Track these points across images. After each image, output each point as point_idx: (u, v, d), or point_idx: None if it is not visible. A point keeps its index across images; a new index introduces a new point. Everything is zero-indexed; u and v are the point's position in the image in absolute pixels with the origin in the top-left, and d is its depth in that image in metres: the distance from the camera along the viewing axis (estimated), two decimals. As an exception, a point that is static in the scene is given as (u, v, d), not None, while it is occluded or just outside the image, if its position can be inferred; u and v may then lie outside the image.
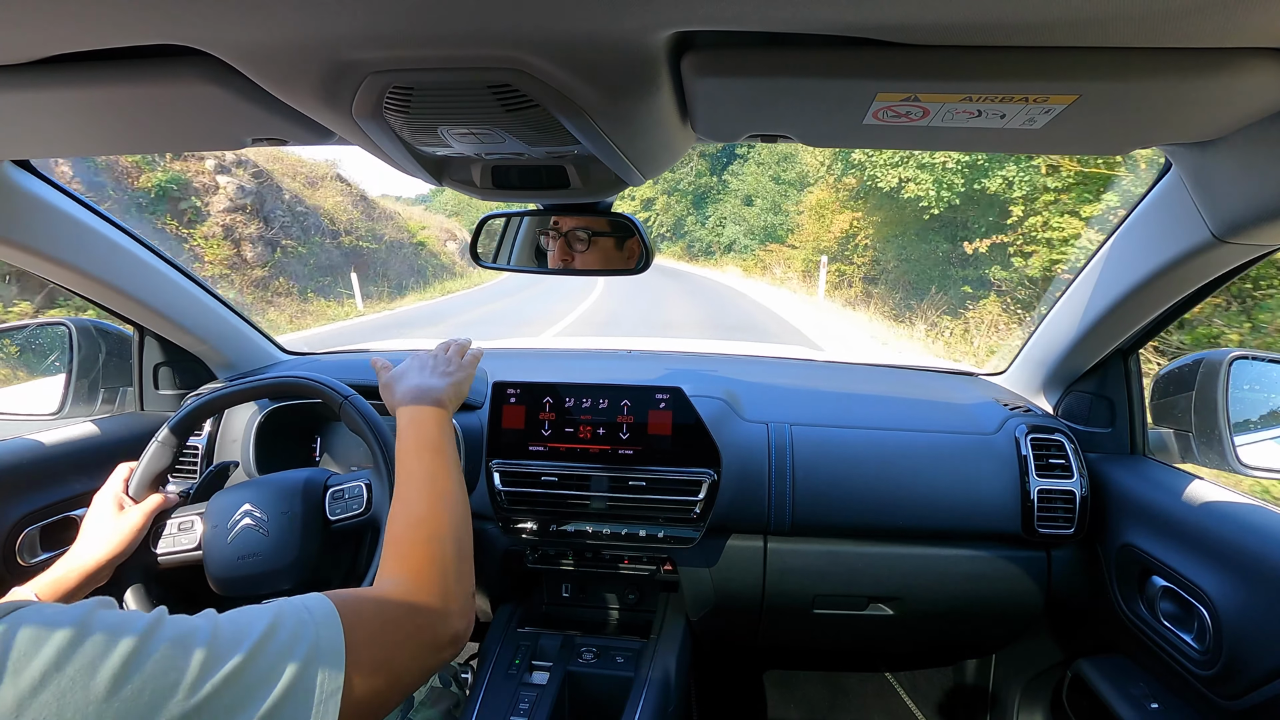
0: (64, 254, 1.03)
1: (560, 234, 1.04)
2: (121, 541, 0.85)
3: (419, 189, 51.25)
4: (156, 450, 0.91)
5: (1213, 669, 0.83)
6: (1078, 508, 1.08)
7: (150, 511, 0.89)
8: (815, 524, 1.13)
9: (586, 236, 1.04)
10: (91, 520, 0.86)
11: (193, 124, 0.69)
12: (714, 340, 2.00)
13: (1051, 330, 1.18)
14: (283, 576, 0.86)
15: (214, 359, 1.39)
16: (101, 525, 0.86)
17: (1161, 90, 0.53)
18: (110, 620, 0.41)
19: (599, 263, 1.05)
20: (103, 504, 0.88)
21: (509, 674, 1.06)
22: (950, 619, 1.20)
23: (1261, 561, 0.80)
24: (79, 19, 0.46)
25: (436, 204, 35.49)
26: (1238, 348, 1.00)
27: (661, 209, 32.87)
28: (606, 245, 1.04)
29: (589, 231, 1.04)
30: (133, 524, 0.87)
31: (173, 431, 0.92)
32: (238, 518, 0.88)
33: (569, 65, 0.50)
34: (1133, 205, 0.92)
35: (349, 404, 0.91)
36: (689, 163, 30.45)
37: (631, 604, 1.26)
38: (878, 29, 0.47)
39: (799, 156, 17.49)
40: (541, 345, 1.84)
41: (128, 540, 0.86)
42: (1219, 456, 0.97)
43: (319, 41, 0.48)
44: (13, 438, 1.11)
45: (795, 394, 1.32)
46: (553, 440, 1.12)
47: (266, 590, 0.87)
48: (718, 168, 30.62)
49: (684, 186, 32.15)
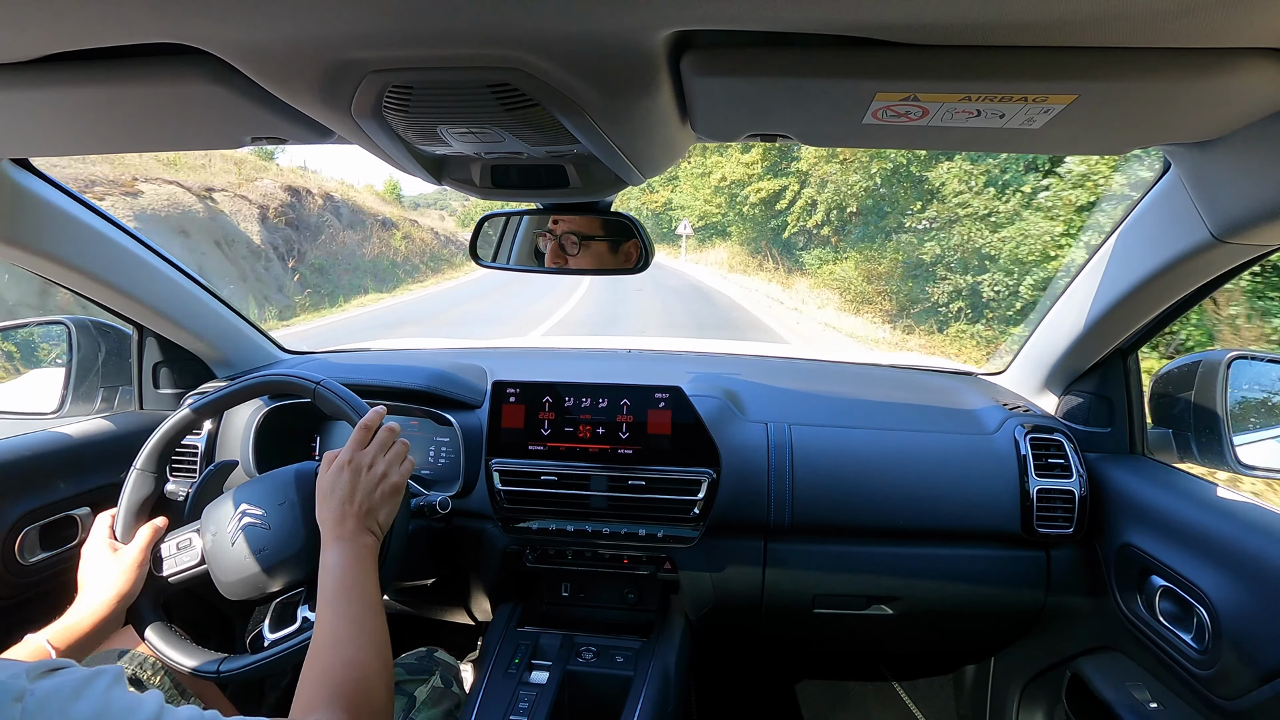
0: (64, 254, 1.03)
1: (554, 236, 1.04)
2: (125, 582, 0.85)
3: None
4: (135, 482, 0.91)
5: (1212, 669, 0.83)
6: (1077, 508, 1.08)
7: (146, 543, 0.89)
8: (815, 523, 1.13)
9: (578, 240, 1.04)
10: (86, 571, 0.86)
11: (192, 123, 0.69)
12: (714, 340, 2.00)
13: (1051, 330, 1.18)
14: (293, 566, 0.86)
15: (213, 358, 1.39)
16: (98, 572, 0.85)
17: (1161, 90, 0.53)
18: (121, 704, 0.45)
19: (598, 262, 1.05)
20: (93, 553, 0.87)
21: (509, 673, 1.06)
22: (950, 619, 1.20)
23: (1261, 561, 0.80)
24: (79, 18, 0.46)
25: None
26: (1237, 348, 1.00)
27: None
28: (604, 245, 1.04)
29: (580, 235, 1.04)
30: (131, 561, 0.86)
31: (149, 459, 0.93)
32: (237, 519, 0.88)
33: (569, 64, 0.50)
34: (1132, 205, 0.92)
35: (321, 389, 0.92)
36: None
37: (631, 604, 1.26)
38: (877, 29, 0.47)
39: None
40: (541, 345, 1.85)
41: (131, 579, 0.85)
42: (1218, 456, 0.97)
43: (318, 41, 0.48)
44: (13, 436, 1.11)
45: (795, 394, 1.32)
46: (552, 440, 1.12)
47: (279, 585, 0.87)
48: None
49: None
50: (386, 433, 0.86)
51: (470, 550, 1.22)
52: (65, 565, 1.12)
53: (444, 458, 1.31)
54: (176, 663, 0.84)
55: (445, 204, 48.56)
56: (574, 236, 1.03)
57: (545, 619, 1.22)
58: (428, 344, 1.75)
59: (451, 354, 1.61)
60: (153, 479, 0.92)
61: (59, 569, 1.12)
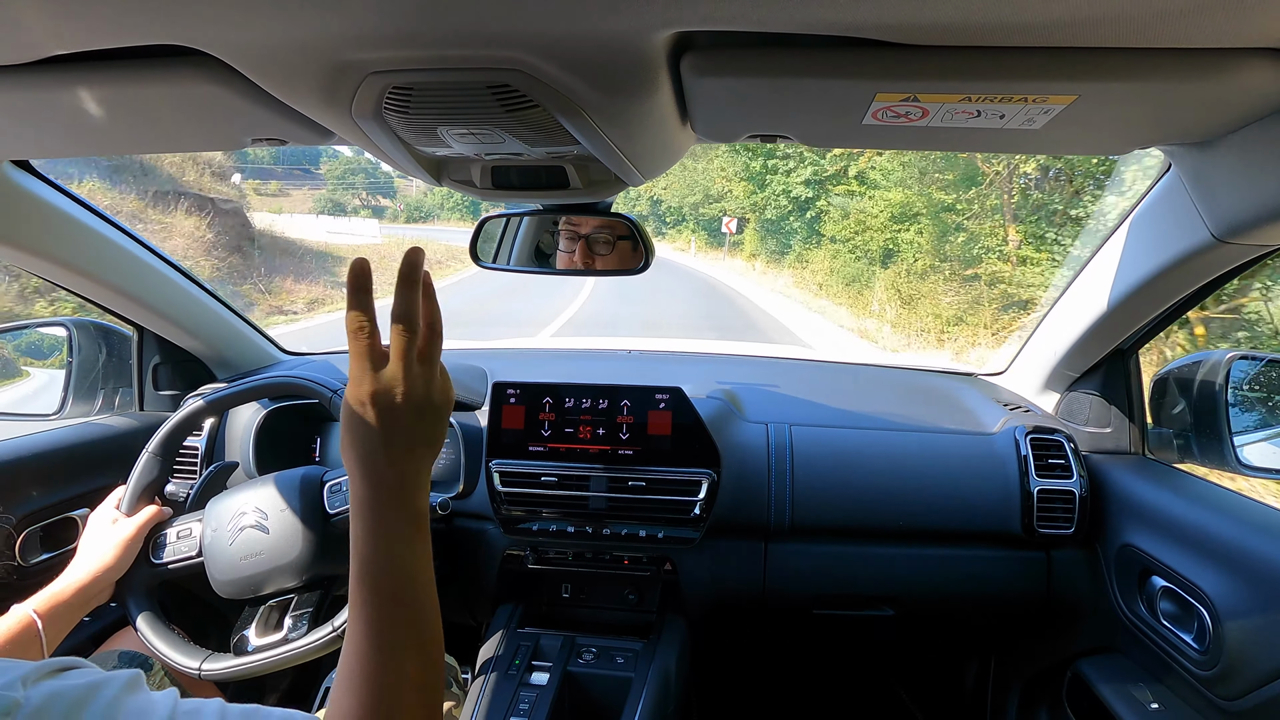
0: (64, 254, 1.03)
1: (582, 237, 1.04)
2: (115, 554, 0.85)
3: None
4: (145, 464, 0.92)
5: (1212, 669, 0.83)
6: (1077, 508, 1.08)
7: (144, 523, 0.89)
8: (815, 524, 1.13)
9: (611, 239, 1.03)
10: (86, 538, 0.87)
11: (193, 124, 0.69)
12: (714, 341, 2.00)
13: (1051, 330, 1.18)
14: (286, 573, 0.87)
15: (213, 359, 1.39)
16: (95, 541, 0.86)
17: (1161, 90, 0.53)
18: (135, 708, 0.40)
19: (599, 263, 1.05)
20: (96, 522, 0.88)
21: (509, 674, 1.06)
22: (950, 619, 1.20)
23: (1261, 562, 0.80)
24: (80, 19, 0.46)
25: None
26: (1236, 348, 1.01)
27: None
28: (604, 246, 1.04)
29: (613, 234, 1.02)
30: (125, 535, 0.87)
31: (160, 444, 0.93)
32: (238, 519, 0.88)
33: (568, 65, 0.50)
34: (1132, 205, 0.92)
35: (339, 398, 0.92)
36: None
37: (631, 604, 1.26)
38: (877, 29, 0.47)
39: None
40: (541, 345, 1.85)
41: (121, 552, 0.86)
42: (1219, 456, 0.97)
43: (318, 42, 0.48)
44: (13, 437, 1.11)
45: (795, 394, 1.32)
46: (552, 440, 1.12)
47: (271, 589, 0.87)
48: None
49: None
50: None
51: (471, 551, 1.22)
52: (65, 565, 1.11)
53: (444, 458, 1.31)
54: (161, 654, 0.85)
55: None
56: (603, 234, 1.03)
57: (545, 620, 1.22)
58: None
59: (451, 354, 1.61)
60: (159, 464, 0.93)
61: (60, 569, 1.11)
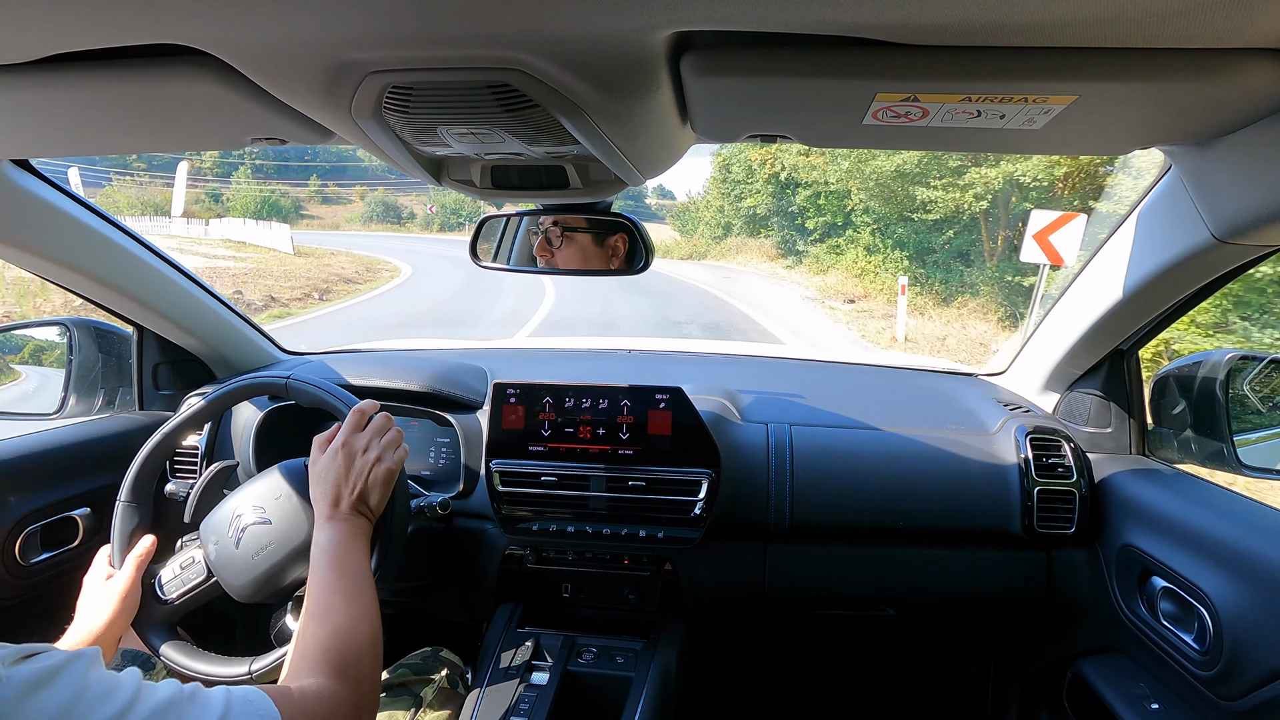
0: (64, 254, 1.03)
1: (540, 231, 1.04)
2: (117, 603, 0.85)
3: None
4: (122, 514, 0.92)
5: (1213, 669, 0.83)
6: (1077, 508, 1.08)
7: (138, 563, 0.89)
8: (815, 524, 1.13)
9: (561, 233, 1.03)
10: (83, 600, 0.87)
11: (193, 123, 0.69)
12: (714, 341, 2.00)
13: (1051, 330, 1.18)
14: (301, 556, 0.85)
15: (213, 358, 1.39)
16: (93, 601, 0.86)
17: (1161, 91, 0.53)
18: (99, 687, 0.47)
19: (589, 263, 1.05)
20: (91, 583, 0.88)
21: (509, 674, 1.06)
22: (950, 620, 1.20)
23: (1261, 562, 0.80)
24: (79, 18, 0.46)
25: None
26: (1236, 348, 1.01)
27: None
28: (603, 246, 1.04)
29: (564, 227, 1.03)
30: (122, 587, 0.87)
31: (131, 490, 0.93)
32: (237, 521, 0.88)
33: (568, 65, 0.50)
34: (1133, 206, 0.92)
35: (292, 383, 0.95)
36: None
37: (631, 604, 1.26)
38: (877, 29, 0.47)
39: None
40: (541, 346, 1.85)
41: (122, 598, 0.86)
42: (1219, 456, 0.97)
43: (318, 41, 0.48)
44: (13, 437, 1.11)
45: (795, 394, 1.32)
46: (552, 440, 1.12)
47: (292, 578, 0.87)
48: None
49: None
50: (382, 419, 0.87)
51: (471, 551, 1.22)
52: (66, 566, 1.12)
53: (444, 458, 1.31)
54: (204, 675, 0.84)
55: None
56: (555, 228, 1.03)
57: (546, 620, 1.22)
58: (428, 344, 1.75)
59: (452, 354, 1.61)
60: (136, 509, 0.93)
61: (60, 569, 1.12)
